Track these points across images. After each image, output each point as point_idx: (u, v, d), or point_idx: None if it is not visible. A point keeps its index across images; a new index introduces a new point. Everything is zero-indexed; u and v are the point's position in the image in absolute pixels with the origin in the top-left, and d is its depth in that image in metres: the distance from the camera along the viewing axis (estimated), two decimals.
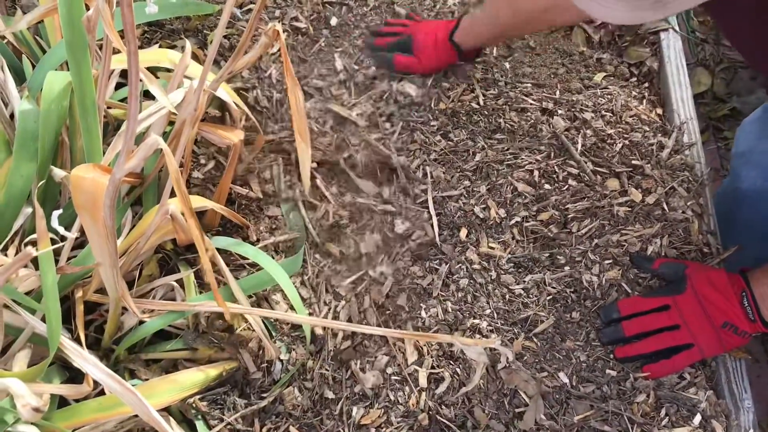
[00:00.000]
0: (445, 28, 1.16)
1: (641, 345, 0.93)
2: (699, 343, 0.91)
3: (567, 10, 1.00)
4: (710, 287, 0.93)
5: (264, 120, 1.16)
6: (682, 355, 0.92)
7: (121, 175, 0.67)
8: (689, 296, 0.93)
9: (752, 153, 1.15)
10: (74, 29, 0.80)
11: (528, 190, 1.08)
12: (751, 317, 0.89)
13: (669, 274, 0.98)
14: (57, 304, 0.76)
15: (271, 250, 1.03)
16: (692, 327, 0.92)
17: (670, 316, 0.93)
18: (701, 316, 0.92)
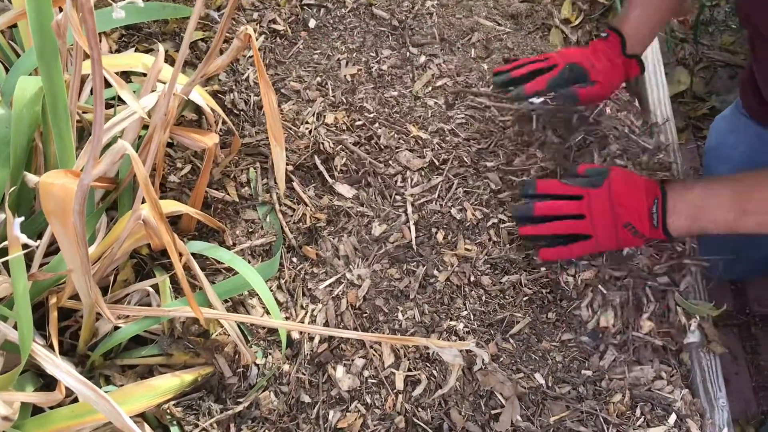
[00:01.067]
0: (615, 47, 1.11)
1: (544, 227, 0.99)
2: (597, 235, 0.96)
3: None
4: (626, 187, 0.96)
5: (241, 123, 1.16)
6: (579, 244, 0.97)
7: (88, 181, 0.67)
8: (603, 191, 0.97)
9: (722, 147, 1.17)
10: (44, 34, 0.80)
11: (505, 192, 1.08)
12: (655, 224, 0.93)
13: (594, 173, 1.01)
14: (28, 311, 0.75)
15: (247, 254, 1.03)
16: (595, 220, 0.96)
17: (578, 205, 0.97)
18: (607, 212, 0.95)
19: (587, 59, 1.09)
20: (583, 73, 1.09)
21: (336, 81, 1.22)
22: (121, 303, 0.95)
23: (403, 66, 1.26)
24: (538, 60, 1.14)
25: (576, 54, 1.11)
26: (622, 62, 1.09)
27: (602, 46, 1.09)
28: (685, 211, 0.93)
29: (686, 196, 0.93)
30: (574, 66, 1.09)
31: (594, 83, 1.08)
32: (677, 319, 0.98)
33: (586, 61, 1.09)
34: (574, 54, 1.11)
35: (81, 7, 0.55)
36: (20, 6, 0.95)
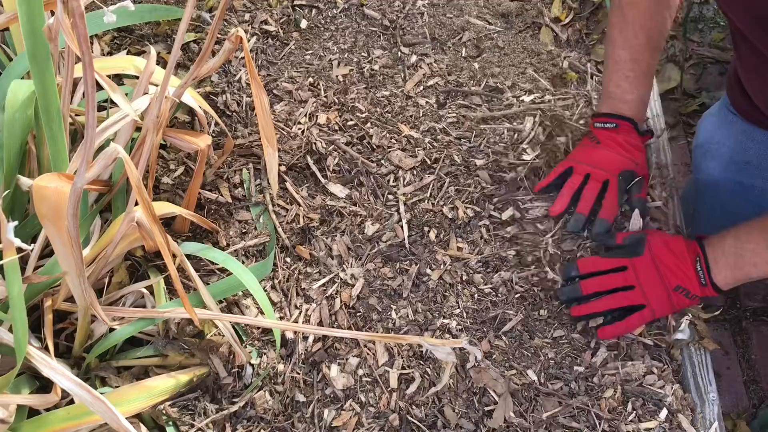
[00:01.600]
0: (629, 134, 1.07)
1: (596, 304, 0.96)
2: (651, 304, 0.94)
3: None
4: (667, 251, 0.95)
5: (234, 124, 1.16)
6: (635, 316, 0.95)
7: (81, 184, 0.67)
8: (646, 259, 0.96)
9: (710, 144, 1.18)
10: (36, 38, 0.80)
11: (493, 190, 1.09)
12: (703, 281, 0.93)
13: (633, 241, 0.99)
14: (23, 314, 0.76)
15: (241, 254, 1.03)
16: (646, 288, 0.94)
17: (626, 276, 0.96)
18: (655, 278, 0.94)
19: (624, 159, 1.04)
20: (632, 174, 1.04)
21: (328, 81, 1.23)
22: (116, 305, 0.95)
23: (394, 66, 1.26)
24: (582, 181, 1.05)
25: (611, 159, 1.05)
26: (642, 141, 1.08)
27: (621, 139, 1.05)
28: (726, 262, 0.92)
29: (723, 248, 0.93)
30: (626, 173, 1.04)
31: (642, 179, 1.05)
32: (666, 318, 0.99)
33: (628, 163, 1.04)
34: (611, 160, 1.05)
35: (72, 11, 0.55)
36: (11, 10, 0.95)
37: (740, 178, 1.14)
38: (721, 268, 0.92)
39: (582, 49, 1.31)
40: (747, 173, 1.14)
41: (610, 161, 1.04)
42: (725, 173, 1.15)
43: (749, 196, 1.15)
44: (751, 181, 1.14)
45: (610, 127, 1.06)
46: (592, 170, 1.04)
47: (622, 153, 1.04)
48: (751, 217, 0.95)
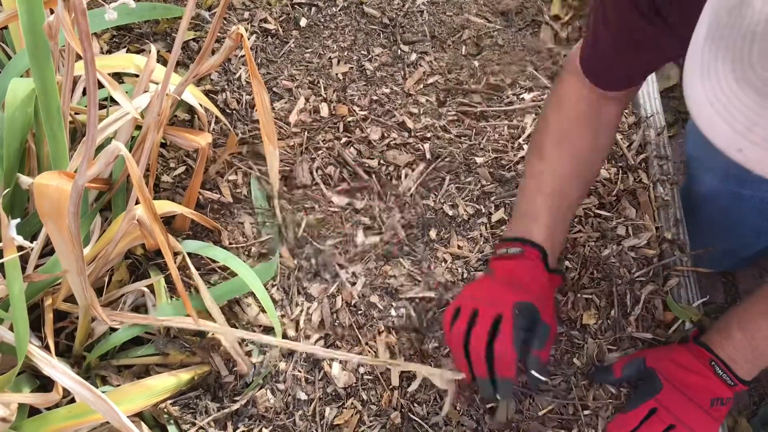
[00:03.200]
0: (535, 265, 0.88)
1: None
2: (697, 429, 0.86)
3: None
4: (682, 371, 0.88)
5: (233, 122, 1.16)
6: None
7: (83, 182, 0.67)
8: (669, 391, 0.88)
9: (704, 156, 1.17)
10: (36, 36, 0.80)
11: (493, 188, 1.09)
12: (730, 382, 0.86)
13: (633, 374, 0.92)
14: (24, 313, 0.76)
15: (242, 254, 1.03)
16: (686, 420, 0.86)
17: (661, 419, 0.87)
18: (689, 406, 0.87)
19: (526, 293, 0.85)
20: (533, 310, 0.84)
21: (328, 79, 1.23)
22: (117, 303, 0.95)
23: (394, 64, 1.26)
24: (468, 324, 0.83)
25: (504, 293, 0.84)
26: (548, 279, 0.89)
27: (524, 267, 0.87)
28: (744, 356, 0.87)
29: (733, 344, 0.87)
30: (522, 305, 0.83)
31: (548, 327, 0.85)
32: (663, 315, 0.99)
33: (527, 296, 0.84)
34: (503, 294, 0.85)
35: (74, 8, 0.55)
36: (11, 8, 0.95)
37: (739, 189, 1.11)
38: (741, 363, 0.86)
39: None
40: (746, 185, 1.11)
41: (504, 294, 0.84)
42: (724, 184, 1.13)
43: (750, 204, 1.12)
44: (751, 192, 1.11)
45: (513, 253, 0.88)
46: (481, 306, 0.83)
47: (520, 285, 0.86)
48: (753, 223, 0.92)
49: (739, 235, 0.97)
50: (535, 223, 0.89)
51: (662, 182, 1.11)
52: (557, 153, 0.90)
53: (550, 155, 0.90)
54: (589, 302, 0.99)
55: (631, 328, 0.97)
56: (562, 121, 0.91)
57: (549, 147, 0.91)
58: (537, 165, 0.91)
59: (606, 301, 1.00)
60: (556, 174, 0.90)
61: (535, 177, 0.91)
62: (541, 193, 0.89)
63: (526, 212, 0.91)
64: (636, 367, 0.91)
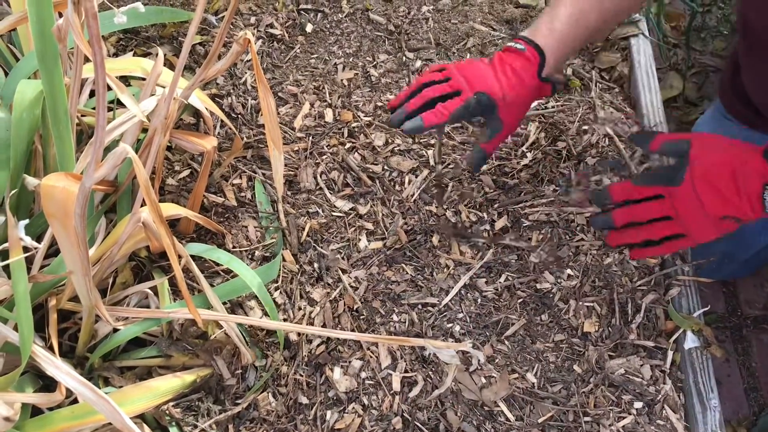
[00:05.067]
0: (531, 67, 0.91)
1: (633, 234, 0.90)
2: (692, 233, 0.86)
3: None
4: (716, 176, 0.83)
5: (239, 126, 1.17)
6: (672, 243, 0.88)
7: (90, 184, 0.67)
8: (686, 189, 0.84)
9: None
10: (45, 39, 0.80)
11: (496, 195, 1.09)
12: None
13: (672, 154, 0.89)
14: (29, 313, 0.76)
15: (246, 257, 1.04)
16: (686, 219, 0.85)
17: (662, 206, 0.87)
18: (697, 210, 0.84)
19: (498, 86, 0.89)
20: (490, 105, 0.89)
21: (333, 85, 1.23)
22: (120, 305, 0.96)
23: (399, 70, 1.27)
24: (436, 81, 0.92)
25: (484, 77, 0.90)
26: (536, 86, 0.92)
27: (517, 64, 0.90)
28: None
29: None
30: (483, 96, 0.89)
31: (500, 124, 0.90)
32: (665, 324, 1.00)
33: (496, 88, 0.89)
34: (482, 77, 0.90)
35: (86, 12, 0.56)
36: (20, 10, 0.96)
37: None
38: None
39: (586, 56, 1.32)
40: None
41: (480, 78, 0.89)
42: None
43: None
44: None
45: (516, 48, 0.91)
46: (455, 77, 0.90)
47: (497, 75, 0.89)
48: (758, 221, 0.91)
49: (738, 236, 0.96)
50: (548, 28, 0.91)
51: None
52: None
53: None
54: (590, 310, 1.00)
55: (633, 336, 0.98)
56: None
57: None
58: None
59: (607, 309, 1.00)
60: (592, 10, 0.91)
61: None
62: (565, 7, 0.91)
63: (544, 20, 0.92)
64: (677, 149, 0.87)
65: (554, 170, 1.12)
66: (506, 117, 0.90)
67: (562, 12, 0.91)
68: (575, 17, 0.91)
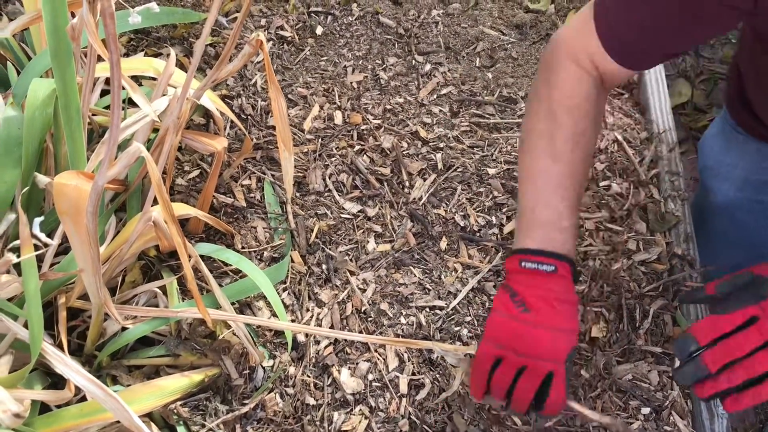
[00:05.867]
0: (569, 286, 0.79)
1: (731, 377, 0.70)
2: None
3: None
4: None
5: (248, 128, 1.17)
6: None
7: (103, 182, 0.68)
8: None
9: (720, 167, 1.17)
10: (59, 38, 0.81)
11: (505, 199, 1.09)
12: None
13: (732, 289, 0.78)
14: (39, 311, 0.76)
15: (255, 258, 1.04)
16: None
17: (761, 330, 0.70)
18: None
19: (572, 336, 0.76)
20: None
21: (342, 87, 1.24)
22: (129, 304, 0.96)
23: (408, 74, 1.27)
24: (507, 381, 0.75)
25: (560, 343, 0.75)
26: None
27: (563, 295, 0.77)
28: None
29: None
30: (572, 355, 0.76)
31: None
32: (673, 330, 1.00)
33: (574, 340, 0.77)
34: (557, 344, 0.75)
35: (102, 12, 0.56)
36: (33, 10, 0.97)
37: (758, 197, 1.11)
38: None
39: None
40: (765, 191, 1.11)
41: (554, 345, 0.75)
42: (741, 193, 1.13)
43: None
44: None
45: (545, 271, 0.77)
46: (528, 362, 0.74)
47: (565, 324, 0.76)
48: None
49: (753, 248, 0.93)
50: (562, 234, 0.79)
51: (673, 198, 1.12)
52: (572, 155, 0.82)
53: (566, 158, 0.82)
54: (598, 315, 1.00)
55: (641, 341, 0.98)
56: (577, 121, 0.82)
57: (562, 147, 0.82)
58: (551, 167, 0.82)
59: (615, 314, 1.00)
60: (574, 178, 0.82)
61: (551, 180, 0.81)
62: (562, 199, 0.80)
63: (547, 221, 0.80)
64: (734, 283, 0.77)
65: None
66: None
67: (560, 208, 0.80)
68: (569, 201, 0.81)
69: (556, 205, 0.80)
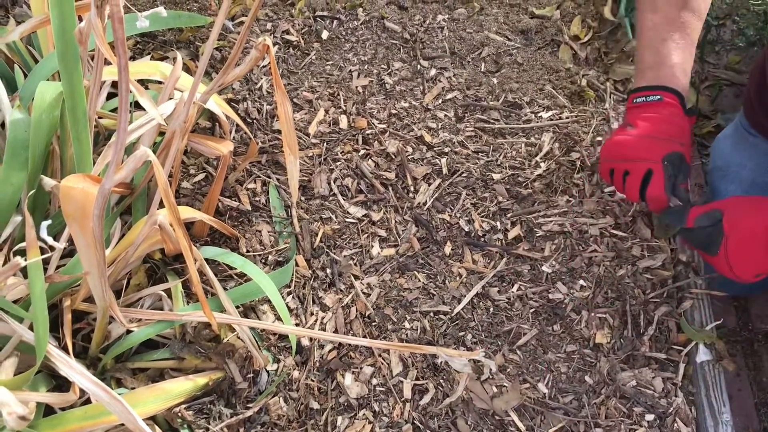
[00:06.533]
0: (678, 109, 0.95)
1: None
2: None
3: None
4: (749, 245, 0.85)
5: (254, 131, 1.17)
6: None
7: (110, 186, 0.68)
8: (720, 261, 0.88)
9: (729, 167, 1.17)
10: (66, 41, 0.81)
11: (509, 204, 1.09)
12: None
13: (707, 225, 0.90)
14: (45, 313, 0.76)
15: (260, 261, 1.04)
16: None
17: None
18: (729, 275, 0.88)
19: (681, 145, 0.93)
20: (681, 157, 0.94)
21: (348, 92, 1.24)
22: (134, 307, 0.96)
23: (413, 78, 1.27)
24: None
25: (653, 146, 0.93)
26: (689, 123, 0.97)
27: (669, 113, 0.93)
28: None
29: None
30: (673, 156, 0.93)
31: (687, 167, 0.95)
32: (677, 337, 0.99)
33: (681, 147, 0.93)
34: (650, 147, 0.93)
35: (111, 16, 0.56)
36: (41, 13, 0.97)
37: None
38: None
39: (600, 68, 1.32)
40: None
41: (650, 148, 0.93)
42: (748, 195, 1.13)
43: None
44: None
45: (653, 101, 0.94)
46: (629, 165, 0.94)
47: (663, 135, 0.92)
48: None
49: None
50: (668, 69, 0.93)
51: None
52: (668, 7, 0.95)
53: (665, 9, 0.95)
54: (602, 321, 1.00)
55: (645, 347, 0.98)
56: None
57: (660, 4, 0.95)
58: (650, 17, 0.96)
59: (619, 320, 1.00)
60: (674, 25, 0.94)
61: (652, 29, 0.95)
62: (664, 42, 0.94)
63: (654, 63, 0.95)
64: (710, 220, 0.89)
65: (568, 180, 1.12)
66: (688, 158, 0.95)
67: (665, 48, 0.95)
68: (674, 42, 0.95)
69: (660, 49, 0.95)
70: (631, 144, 0.94)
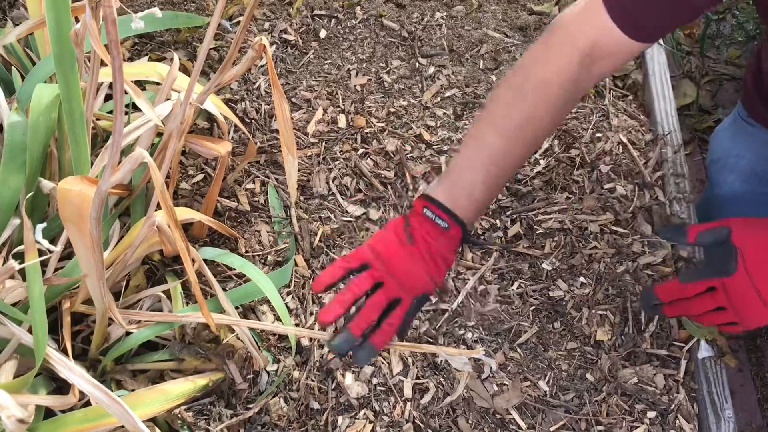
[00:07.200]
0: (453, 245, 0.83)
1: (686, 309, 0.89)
2: (744, 321, 0.84)
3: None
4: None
5: (252, 131, 1.17)
6: (723, 329, 0.89)
7: (106, 188, 0.68)
8: (741, 278, 0.82)
9: (727, 158, 1.17)
10: (62, 43, 0.81)
11: (509, 202, 1.09)
12: None
13: (709, 243, 0.87)
14: (43, 315, 0.76)
15: (259, 262, 1.04)
16: (741, 311, 0.83)
17: (715, 298, 0.85)
18: (753, 300, 0.82)
19: (431, 281, 0.81)
20: (426, 299, 0.83)
21: (346, 91, 1.24)
22: (133, 308, 0.96)
23: (412, 76, 1.27)
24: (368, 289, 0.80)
25: (416, 276, 0.80)
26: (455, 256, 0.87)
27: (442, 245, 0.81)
28: None
29: None
30: (422, 298, 0.81)
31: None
32: (678, 333, 0.99)
33: (431, 285, 0.81)
34: (415, 276, 0.80)
35: (105, 18, 0.56)
36: (38, 15, 0.97)
37: (764, 189, 1.11)
38: None
39: None
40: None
41: (415, 280, 0.80)
42: (746, 185, 1.13)
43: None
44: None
45: (439, 226, 0.81)
46: (388, 281, 0.80)
47: (431, 271, 0.81)
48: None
49: None
50: (469, 200, 0.81)
51: (678, 200, 1.11)
52: (519, 134, 0.82)
53: (513, 136, 0.82)
54: (603, 318, 0.99)
55: (646, 344, 0.97)
56: (541, 103, 0.82)
57: (513, 125, 0.81)
58: (490, 136, 0.82)
59: (620, 317, 1.00)
60: (508, 159, 0.83)
61: (484, 148, 0.82)
62: (488, 175, 0.81)
63: (464, 182, 0.82)
64: (714, 238, 0.86)
65: (567, 177, 1.12)
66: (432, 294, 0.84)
67: (479, 178, 0.81)
68: (493, 177, 0.82)
69: (478, 178, 0.81)
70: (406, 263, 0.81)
